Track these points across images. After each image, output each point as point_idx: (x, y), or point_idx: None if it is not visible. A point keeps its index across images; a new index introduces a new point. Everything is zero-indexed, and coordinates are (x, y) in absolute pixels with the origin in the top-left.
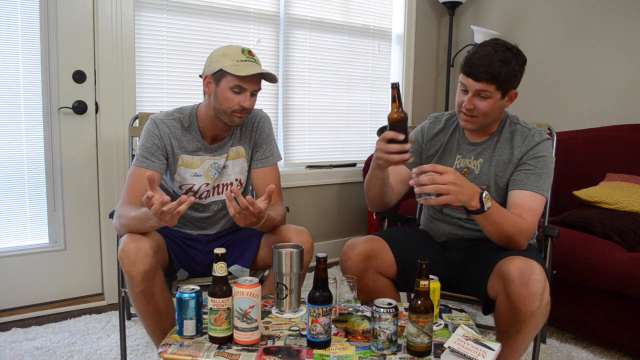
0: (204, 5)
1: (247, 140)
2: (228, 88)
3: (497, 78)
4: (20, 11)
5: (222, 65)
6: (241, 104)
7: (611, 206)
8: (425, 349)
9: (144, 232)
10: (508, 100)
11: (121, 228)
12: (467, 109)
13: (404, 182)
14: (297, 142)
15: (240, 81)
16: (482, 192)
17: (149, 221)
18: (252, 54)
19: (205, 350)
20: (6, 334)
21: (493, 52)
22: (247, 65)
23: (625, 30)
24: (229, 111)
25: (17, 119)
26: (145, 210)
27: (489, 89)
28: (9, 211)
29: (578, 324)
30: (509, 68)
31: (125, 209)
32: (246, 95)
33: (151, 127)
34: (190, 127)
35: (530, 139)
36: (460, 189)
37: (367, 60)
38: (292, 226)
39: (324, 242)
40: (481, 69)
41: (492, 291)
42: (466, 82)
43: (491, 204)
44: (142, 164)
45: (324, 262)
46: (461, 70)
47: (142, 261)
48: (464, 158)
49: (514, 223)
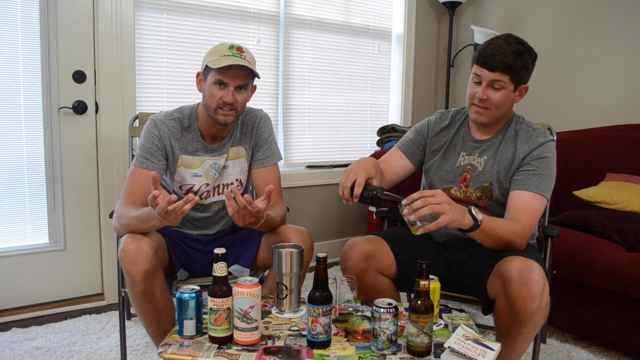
0: (204, 5)
1: (248, 140)
2: (212, 83)
3: (512, 68)
4: (20, 11)
5: (207, 61)
6: (223, 98)
7: (611, 206)
8: (425, 349)
9: (144, 232)
10: (519, 95)
11: (121, 228)
12: (481, 100)
13: (399, 173)
14: (297, 142)
15: (220, 75)
16: (470, 208)
17: (151, 221)
18: (241, 50)
19: (205, 350)
20: (6, 334)
21: (506, 44)
22: (227, 59)
23: (625, 30)
24: (213, 107)
25: (17, 119)
26: (147, 210)
27: (503, 79)
28: (9, 211)
29: (578, 324)
30: (522, 60)
31: (125, 209)
32: (229, 90)
33: (151, 127)
34: (190, 127)
35: (534, 139)
36: (453, 207)
37: (367, 60)
38: (291, 226)
39: (324, 242)
40: (496, 59)
41: (492, 291)
42: (480, 73)
43: (482, 217)
44: (141, 164)
45: (324, 262)
46: (475, 62)
47: (143, 261)
48: (468, 155)
49: (509, 229)
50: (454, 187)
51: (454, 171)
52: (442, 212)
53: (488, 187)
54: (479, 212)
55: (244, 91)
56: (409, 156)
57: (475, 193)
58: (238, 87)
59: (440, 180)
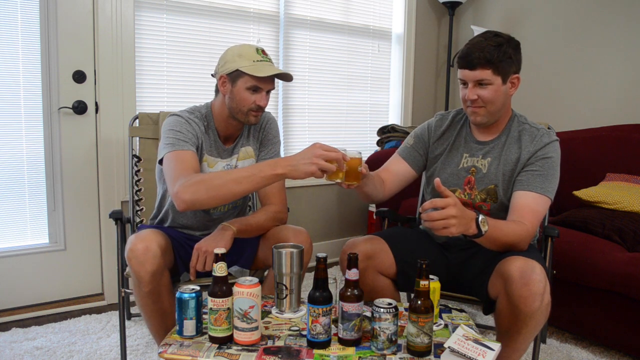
0: (204, 5)
1: (255, 139)
2: (245, 88)
3: (491, 61)
4: (20, 11)
5: (238, 66)
6: (257, 102)
7: (611, 206)
8: (425, 349)
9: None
10: (512, 87)
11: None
12: (472, 100)
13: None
14: (297, 142)
15: (257, 82)
16: (478, 217)
17: (259, 174)
18: (265, 53)
19: (205, 350)
20: (6, 334)
21: (483, 40)
22: (264, 66)
23: (625, 30)
24: (245, 110)
25: (17, 119)
26: (252, 167)
27: (486, 76)
28: (9, 211)
29: (578, 324)
30: (501, 51)
31: (200, 175)
32: (262, 94)
33: (182, 120)
34: (208, 127)
35: (539, 139)
36: (460, 220)
37: (367, 60)
38: (290, 226)
39: (324, 242)
40: (474, 56)
41: (493, 291)
42: (463, 75)
43: (488, 227)
44: (182, 147)
45: (324, 262)
46: (457, 66)
47: (151, 262)
48: (472, 157)
49: (514, 232)
50: (458, 189)
51: (457, 173)
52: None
53: (493, 189)
54: (486, 222)
55: (270, 93)
56: (409, 162)
57: (480, 195)
58: (268, 90)
59: (443, 182)
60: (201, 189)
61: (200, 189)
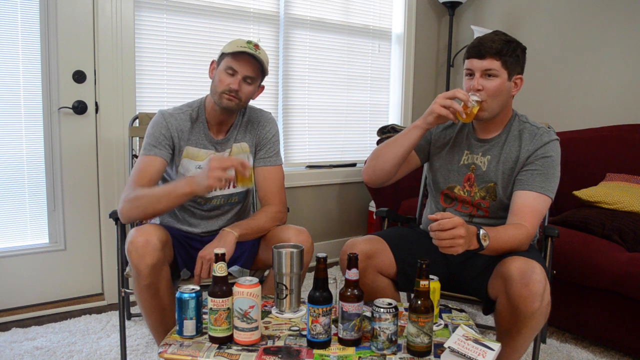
0: (204, 5)
1: (251, 137)
2: (223, 69)
3: (501, 53)
4: (20, 11)
5: (224, 50)
6: (230, 85)
7: (611, 206)
8: (425, 349)
9: (151, 216)
10: (515, 87)
11: (131, 208)
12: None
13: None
14: (297, 142)
15: (231, 62)
16: (479, 232)
17: (176, 191)
18: (257, 47)
19: (205, 350)
20: (6, 334)
21: (494, 35)
22: (244, 50)
23: (625, 30)
24: (219, 91)
25: (17, 119)
26: (170, 184)
27: (495, 67)
28: (9, 211)
29: (578, 324)
30: (510, 47)
31: (138, 190)
32: (237, 78)
33: (159, 118)
34: (198, 119)
35: (538, 138)
36: (465, 240)
37: (367, 60)
38: (291, 226)
39: (324, 242)
40: (485, 46)
41: (493, 291)
42: (471, 65)
43: (489, 242)
44: (150, 152)
45: (324, 262)
46: (465, 57)
47: (151, 255)
48: (472, 154)
49: (514, 239)
50: (458, 186)
51: (458, 170)
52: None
53: (492, 187)
54: (487, 237)
55: (251, 84)
56: (416, 150)
57: (480, 193)
58: (246, 78)
59: (444, 179)
60: (133, 206)
61: (132, 206)
